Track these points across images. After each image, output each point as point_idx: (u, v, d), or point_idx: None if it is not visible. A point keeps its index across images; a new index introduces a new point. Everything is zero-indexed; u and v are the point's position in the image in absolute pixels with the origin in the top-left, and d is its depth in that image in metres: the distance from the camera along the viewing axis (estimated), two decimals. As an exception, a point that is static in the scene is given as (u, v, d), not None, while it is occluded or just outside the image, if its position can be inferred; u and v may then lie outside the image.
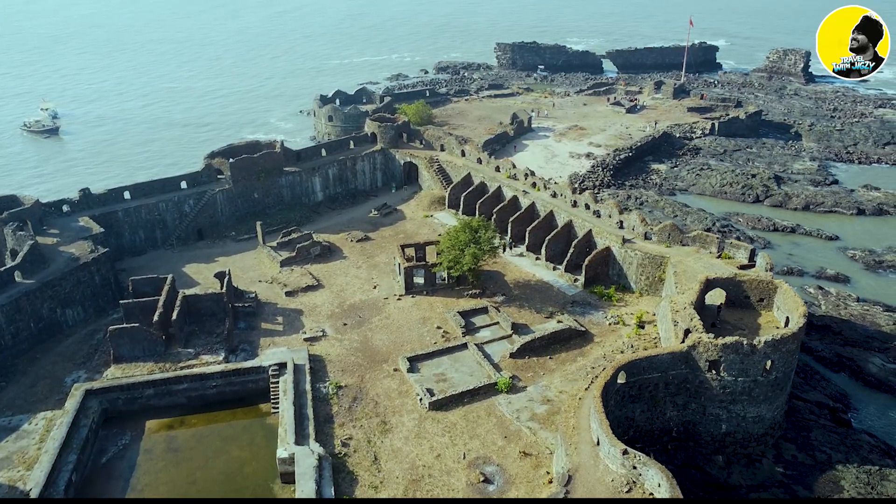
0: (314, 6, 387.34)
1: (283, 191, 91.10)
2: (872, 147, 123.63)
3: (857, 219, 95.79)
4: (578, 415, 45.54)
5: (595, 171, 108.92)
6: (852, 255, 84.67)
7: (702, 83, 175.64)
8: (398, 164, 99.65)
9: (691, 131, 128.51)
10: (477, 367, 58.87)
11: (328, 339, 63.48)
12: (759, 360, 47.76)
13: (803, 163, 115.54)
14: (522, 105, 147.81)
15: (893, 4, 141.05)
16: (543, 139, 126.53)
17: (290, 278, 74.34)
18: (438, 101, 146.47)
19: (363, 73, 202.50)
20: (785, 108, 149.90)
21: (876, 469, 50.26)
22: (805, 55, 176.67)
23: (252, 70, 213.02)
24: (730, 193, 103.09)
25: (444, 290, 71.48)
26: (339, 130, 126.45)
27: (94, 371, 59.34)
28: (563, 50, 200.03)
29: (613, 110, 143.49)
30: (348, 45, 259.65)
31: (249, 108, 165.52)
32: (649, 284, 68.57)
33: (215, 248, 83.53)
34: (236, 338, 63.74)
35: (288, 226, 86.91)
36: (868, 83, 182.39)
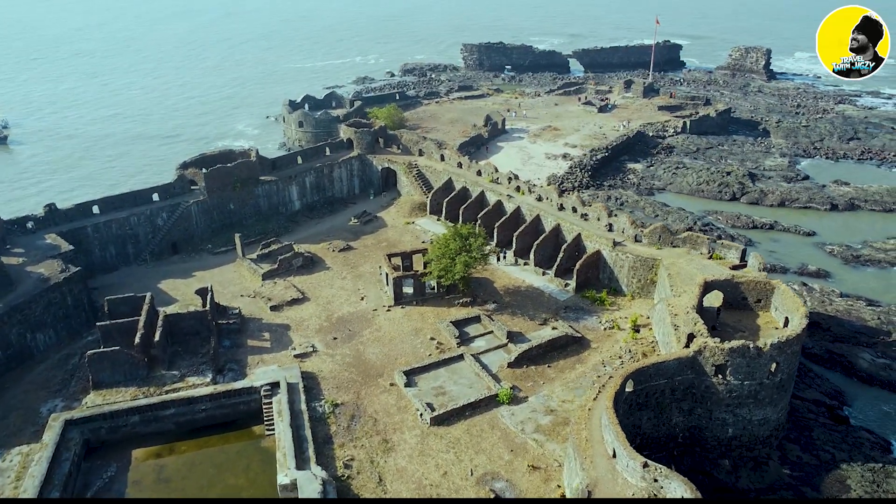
0: (265, 10, 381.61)
1: (260, 201, 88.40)
2: (838, 142, 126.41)
3: (831, 214, 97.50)
4: (590, 426, 44.55)
5: (573, 171, 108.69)
6: (830, 251, 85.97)
7: (668, 81, 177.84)
8: (375, 170, 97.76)
9: (664, 130, 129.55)
10: (475, 378, 57.55)
11: (319, 355, 61.40)
12: (765, 363, 47.53)
13: (774, 159, 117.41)
14: (494, 106, 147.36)
15: (893, 4, 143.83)
16: (518, 140, 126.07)
17: (274, 292, 71.93)
18: (409, 104, 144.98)
19: (327, 77, 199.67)
20: (751, 106, 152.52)
21: (879, 467, 50.54)
22: (766, 53, 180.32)
23: (212, 76, 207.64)
24: (707, 191, 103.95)
25: (434, 299, 69.99)
26: (311, 136, 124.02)
27: (71, 399, 56.10)
28: (530, 50, 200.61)
29: (585, 110, 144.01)
30: (309, 49, 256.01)
31: (214, 115, 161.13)
32: (641, 287, 68.23)
33: (192, 263, 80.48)
34: (222, 357, 61.19)
35: (266, 237, 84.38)
36: (824, 80, 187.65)
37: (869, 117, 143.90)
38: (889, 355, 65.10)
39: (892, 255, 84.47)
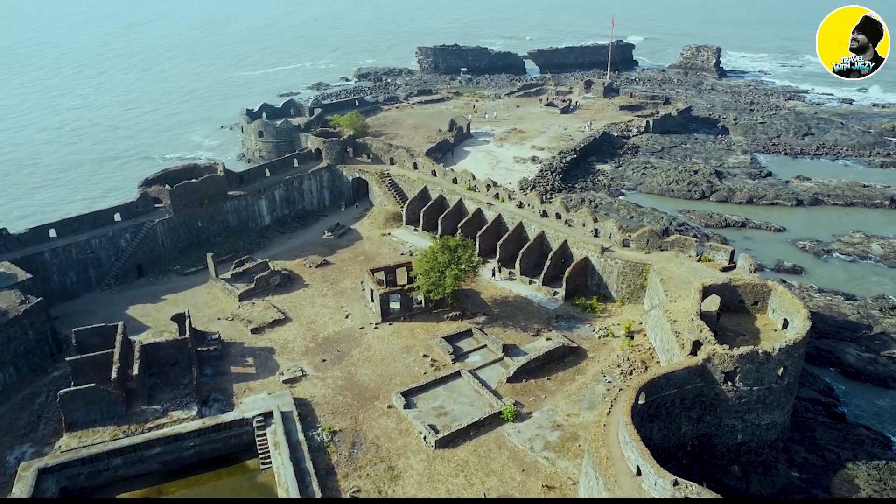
0: (210, 16, 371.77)
1: (229, 217, 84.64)
2: (794, 138, 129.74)
3: (798, 209, 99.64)
4: (608, 443, 43.37)
5: (544, 175, 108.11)
6: (802, 247, 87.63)
7: (624, 81, 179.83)
8: (346, 180, 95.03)
9: (628, 130, 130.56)
10: (476, 396, 55.86)
11: (309, 379, 58.66)
12: (773, 368, 47.32)
13: (737, 156, 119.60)
14: (455, 110, 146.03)
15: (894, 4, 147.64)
16: (484, 144, 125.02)
17: (253, 313, 68.68)
18: (369, 110, 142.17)
19: (280, 84, 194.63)
20: (707, 103, 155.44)
21: (884, 464, 50.96)
22: (716, 51, 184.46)
23: (158, 88, 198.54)
24: (676, 191, 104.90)
25: (422, 314, 68.01)
26: (272, 146, 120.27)
27: (42, 443, 51.83)
28: (486, 51, 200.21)
29: (548, 111, 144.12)
30: (258, 55, 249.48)
31: (166, 127, 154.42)
32: (631, 292, 67.77)
33: (160, 285, 76.33)
34: (205, 387, 57.81)
35: (238, 254, 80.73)
36: (772, 76, 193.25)
37: (818, 113, 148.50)
38: (873, 349, 66.36)
39: (859, 249, 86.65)
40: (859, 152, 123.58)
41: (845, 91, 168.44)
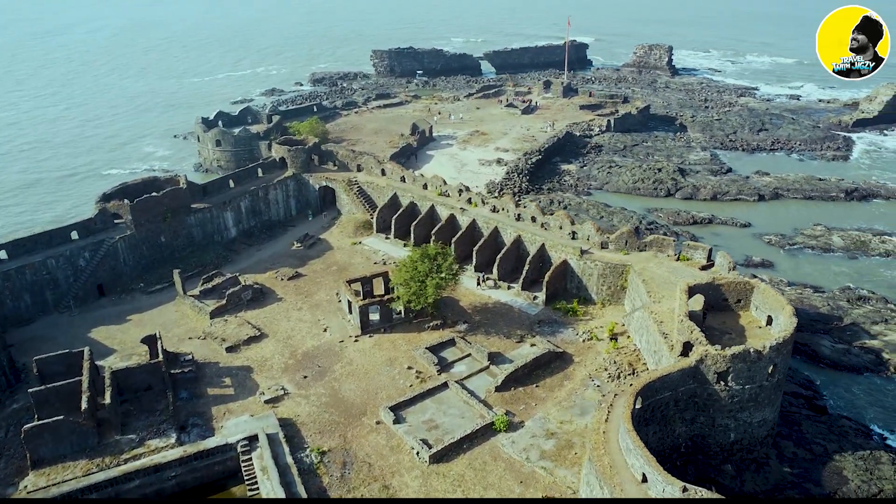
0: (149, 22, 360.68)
1: (193, 230, 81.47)
2: (749, 134, 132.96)
3: (760, 204, 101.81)
4: (610, 450, 42.84)
5: (511, 177, 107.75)
6: (768, 241, 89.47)
7: (580, 80, 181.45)
8: (313, 189, 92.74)
9: (589, 129, 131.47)
10: (465, 407, 54.79)
11: (292, 398, 56.61)
12: (764, 366, 47.65)
13: (697, 153, 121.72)
14: (415, 113, 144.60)
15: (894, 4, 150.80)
16: (448, 148, 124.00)
17: (227, 331, 66.06)
18: (328, 116, 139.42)
19: (231, 90, 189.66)
20: (663, 101, 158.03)
21: (868, 454, 52.01)
22: (668, 50, 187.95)
23: (98, 97, 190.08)
24: (643, 189, 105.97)
25: (403, 325, 66.58)
26: (230, 156, 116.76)
27: (4, 484, 48.36)
28: (441, 53, 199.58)
29: (509, 112, 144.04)
30: (201, 62, 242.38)
31: (115, 138, 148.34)
32: (611, 294, 67.74)
33: (124, 305, 72.86)
34: (182, 411, 55.16)
35: (205, 269, 77.88)
36: (721, 73, 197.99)
37: (770, 109, 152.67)
38: (845, 340, 67.95)
39: (822, 241, 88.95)
40: (811, 146, 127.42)
41: (786, 88, 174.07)
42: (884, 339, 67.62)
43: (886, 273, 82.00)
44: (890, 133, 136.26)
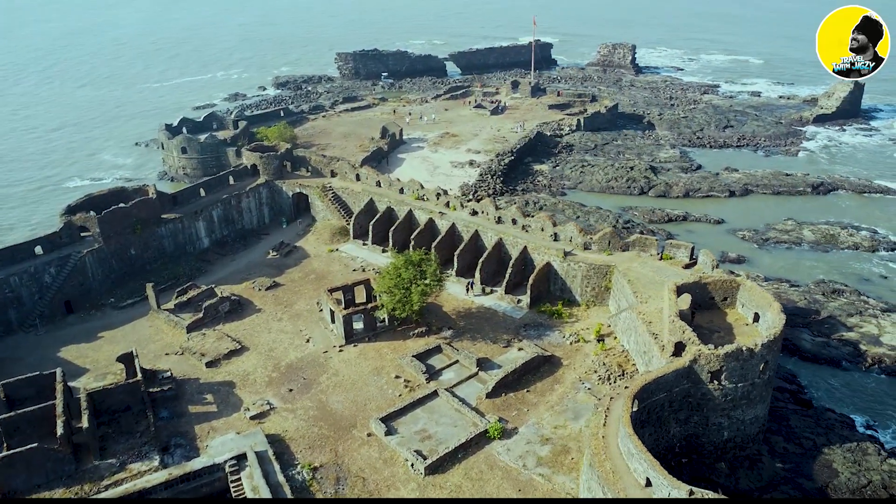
0: (99, 28, 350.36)
1: (165, 241, 78.90)
2: (716, 131, 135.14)
3: (731, 200, 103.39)
4: (611, 455, 42.49)
5: (485, 179, 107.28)
6: (742, 236, 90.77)
7: (545, 79, 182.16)
8: (286, 196, 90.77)
9: (560, 129, 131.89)
10: (457, 415, 53.94)
11: (278, 413, 55.00)
12: (756, 363, 47.97)
13: (667, 151, 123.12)
14: (383, 116, 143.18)
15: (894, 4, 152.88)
16: (419, 150, 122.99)
17: (206, 345, 63.99)
18: (295, 120, 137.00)
19: (193, 96, 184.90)
20: (629, 100, 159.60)
21: (855, 446, 52.91)
22: (632, 48, 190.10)
23: (53, 106, 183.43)
24: (616, 188, 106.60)
25: (387, 333, 65.39)
26: (196, 163, 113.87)
27: (-23, 520, 46.14)
28: (406, 55, 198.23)
29: (478, 113, 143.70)
30: (160, 66, 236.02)
31: (72, 146, 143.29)
32: (595, 295, 67.67)
33: (94, 322, 70.02)
34: (163, 432, 53.07)
35: (178, 282, 75.48)
36: (683, 71, 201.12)
37: (733, 106, 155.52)
38: (824, 333, 69.17)
39: (793, 236, 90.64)
40: (775, 142, 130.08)
41: (743, 85, 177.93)
42: (860, 331, 69.05)
43: (856, 265, 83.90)
44: (848, 128, 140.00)
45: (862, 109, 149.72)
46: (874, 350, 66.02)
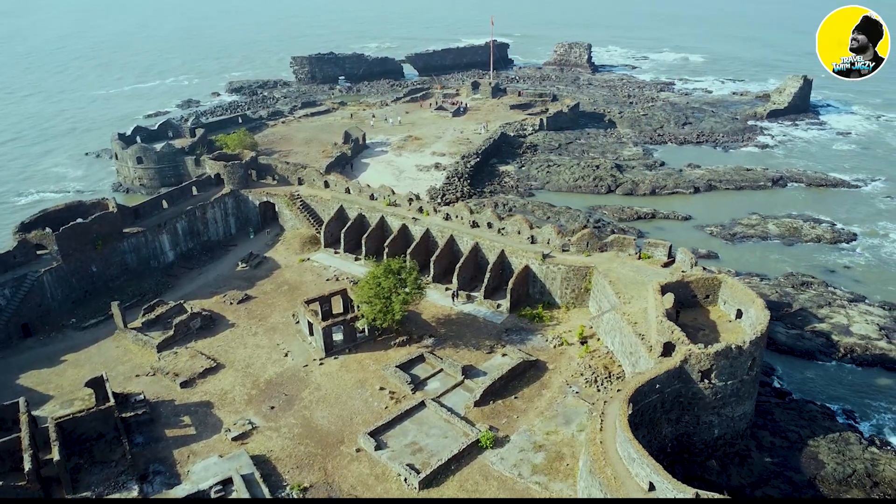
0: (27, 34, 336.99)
1: (127, 257, 75.60)
2: (675, 128, 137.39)
3: (696, 196, 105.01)
4: (610, 460, 42.11)
5: (452, 181, 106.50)
6: (710, 232, 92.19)
7: (504, 79, 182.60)
8: (253, 205, 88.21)
9: (523, 129, 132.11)
10: (447, 426, 52.91)
11: (262, 432, 53.02)
12: (745, 360, 48.34)
13: (630, 149, 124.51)
14: (344, 121, 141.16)
15: (894, 4, 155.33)
16: (382, 155, 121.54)
17: (179, 364, 61.40)
18: (254, 127, 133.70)
19: (143, 104, 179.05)
20: (588, 98, 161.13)
21: (838, 436, 53.93)
22: (587, 47, 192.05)
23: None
24: (584, 187, 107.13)
25: (368, 343, 63.94)
26: (153, 173, 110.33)
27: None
28: (363, 58, 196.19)
29: (439, 115, 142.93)
30: (106, 73, 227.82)
31: (16, 159, 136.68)
32: (575, 297, 67.52)
33: (55, 345, 66.40)
34: (140, 459, 50.60)
35: (144, 298, 72.50)
36: (638, 69, 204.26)
37: (690, 103, 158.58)
38: (797, 325, 70.55)
39: (759, 230, 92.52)
40: (733, 138, 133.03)
41: (696, 83, 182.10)
42: (831, 322, 70.69)
43: (820, 257, 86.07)
44: (800, 123, 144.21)
45: (811, 104, 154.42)
46: (845, 340, 67.64)
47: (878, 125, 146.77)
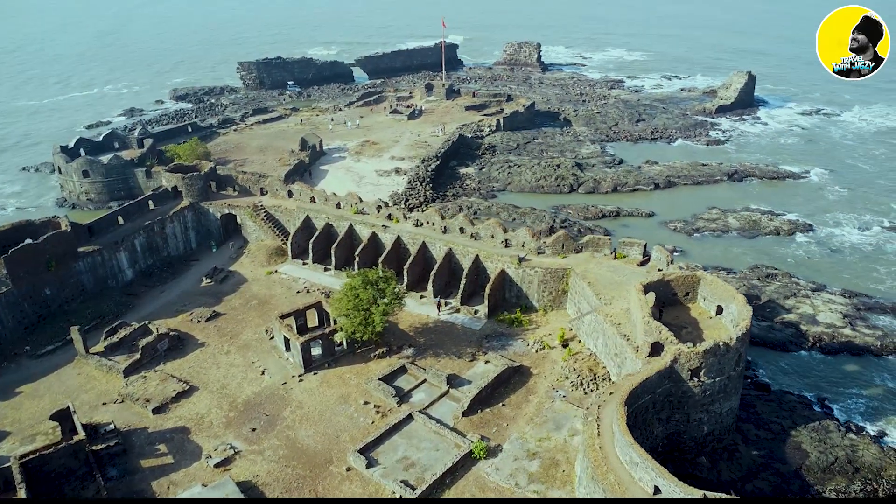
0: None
1: (83, 277, 71.71)
2: (630, 125, 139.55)
3: (657, 193, 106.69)
4: (611, 466, 41.81)
5: (414, 186, 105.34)
6: (674, 228, 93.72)
7: (455, 80, 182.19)
8: (213, 218, 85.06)
9: (480, 130, 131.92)
10: (437, 438, 51.87)
11: (245, 457, 50.86)
12: (732, 357, 48.90)
13: (587, 147, 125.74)
14: (297, 127, 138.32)
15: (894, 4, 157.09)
16: (341, 161, 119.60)
17: (149, 389, 58.46)
18: (205, 136, 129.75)
19: (80, 113, 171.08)
20: (541, 97, 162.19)
21: (817, 424, 55.31)
22: (537, 46, 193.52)
23: None
24: (546, 187, 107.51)
25: (347, 357, 62.29)
26: (101, 187, 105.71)
27: None
28: (312, 62, 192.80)
29: (395, 119, 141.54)
30: (34, 82, 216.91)
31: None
32: (553, 300, 67.38)
33: (9, 375, 62.16)
34: (116, 493, 47.86)
35: (103, 320, 68.97)
36: (586, 67, 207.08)
37: (641, 100, 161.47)
38: (767, 317, 72.21)
39: (720, 224, 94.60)
40: (685, 133, 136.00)
41: (640, 80, 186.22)
42: (798, 313, 72.65)
43: (780, 249, 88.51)
44: (747, 118, 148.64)
45: (755, 99, 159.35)
46: (813, 330, 69.58)
47: (819, 119, 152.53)
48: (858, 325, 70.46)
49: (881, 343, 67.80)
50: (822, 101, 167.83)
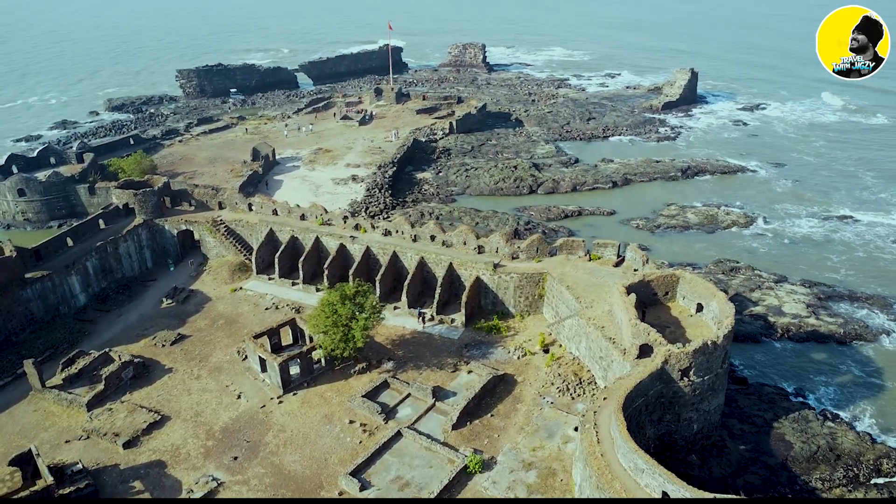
0: None
1: (33, 305, 67.14)
2: (581, 124, 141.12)
3: (615, 191, 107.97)
4: (615, 473, 41.43)
5: (373, 194, 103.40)
6: (636, 225, 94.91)
7: (402, 83, 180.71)
8: (170, 235, 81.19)
9: (433, 133, 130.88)
10: (429, 454, 50.60)
11: (229, 488, 48.38)
12: (719, 355, 49.42)
13: (542, 147, 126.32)
14: (246, 136, 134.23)
15: (894, 4, 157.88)
16: (295, 170, 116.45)
17: (116, 422, 55.02)
18: (149, 148, 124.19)
19: (6, 126, 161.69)
20: (490, 98, 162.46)
21: (797, 415, 56.69)
22: (482, 47, 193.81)
23: None
24: (505, 189, 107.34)
25: (326, 375, 60.26)
26: (40, 206, 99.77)
27: None
28: (254, 69, 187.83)
29: (346, 125, 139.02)
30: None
31: None
32: (529, 305, 66.95)
33: (-43, 416, 57.89)
34: (92, 538, 44.78)
35: (57, 350, 64.80)
36: (532, 67, 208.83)
37: (589, 98, 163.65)
38: (736, 311, 73.19)
39: (680, 220, 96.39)
40: (636, 131, 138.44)
41: (585, 80, 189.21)
42: (764, 305, 74.48)
43: (739, 242, 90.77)
44: (692, 113, 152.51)
45: (698, 95, 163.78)
46: (781, 321, 71.43)
47: (761, 114, 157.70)
48: (821, 314, 72.73)
49: (843, 331, 70.08)
50: (760, 95, 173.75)
